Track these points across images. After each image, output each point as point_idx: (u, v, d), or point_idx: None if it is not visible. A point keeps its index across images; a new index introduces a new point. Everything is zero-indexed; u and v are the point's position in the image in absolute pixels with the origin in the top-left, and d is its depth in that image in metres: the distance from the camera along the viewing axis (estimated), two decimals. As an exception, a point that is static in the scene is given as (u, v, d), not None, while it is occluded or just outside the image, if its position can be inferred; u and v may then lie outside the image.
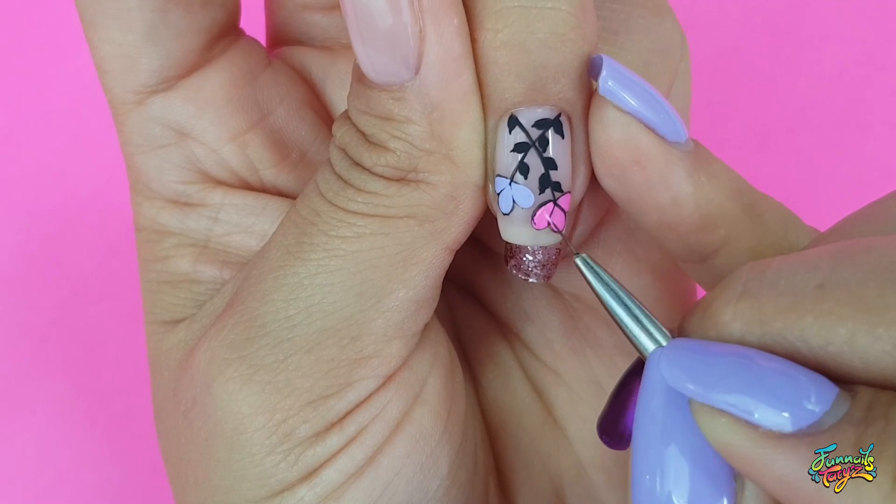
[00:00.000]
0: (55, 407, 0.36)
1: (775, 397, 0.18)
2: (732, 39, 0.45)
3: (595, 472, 0.28)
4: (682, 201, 0.22)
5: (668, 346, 0.20)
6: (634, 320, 0.21)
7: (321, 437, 0.22)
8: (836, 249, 0.19)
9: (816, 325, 0.18)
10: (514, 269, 0.25)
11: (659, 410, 0.19)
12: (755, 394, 0.18)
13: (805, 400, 0.18)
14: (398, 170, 0.22)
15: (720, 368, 0.18)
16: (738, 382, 0.18)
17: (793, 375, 0.18)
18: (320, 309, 0.22)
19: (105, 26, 0.24)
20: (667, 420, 0.19)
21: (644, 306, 0.21)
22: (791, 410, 0.18)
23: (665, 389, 0.19)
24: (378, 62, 0.21)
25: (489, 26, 0.21)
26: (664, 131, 0.21)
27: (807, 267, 0.19)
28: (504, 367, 0.29)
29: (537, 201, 0.22)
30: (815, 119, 0.43)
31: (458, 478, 0.25)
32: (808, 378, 0.18)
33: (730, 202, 0.22)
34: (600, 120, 0.21)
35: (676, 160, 0.21)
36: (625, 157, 0.21)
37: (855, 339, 0.17)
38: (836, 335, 0.18)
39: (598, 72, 0.21)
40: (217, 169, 0.26)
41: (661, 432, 0.19)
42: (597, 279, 0.21)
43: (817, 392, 0.18)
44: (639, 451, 0.20)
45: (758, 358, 0.18)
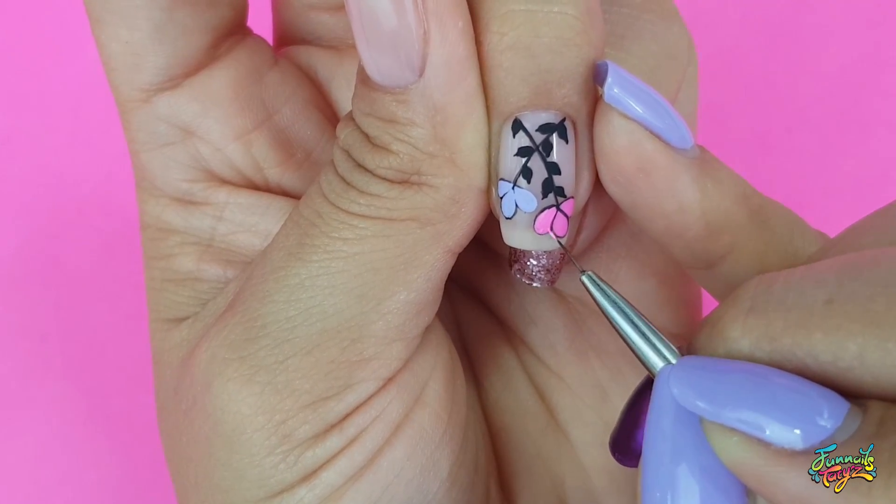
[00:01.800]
0: (55, 406, 0.36)
1: (787, 414, 0.18)
2: (732, 39, 0.45)
3: (597, 475, 0.28)
4: (687, 208, 0.21)
5: (677, 365, 0.19)
6: (642, 338, 0.21)
7: (321, 439, 0.22)
8: (843, 263, 0.19)
9: (826, 340, 0.18)
10: (517, 273, 0.25)
11: (669, 428, 0.19)
12: (766, 411, 0.18)
13: (817, 416, 0.17)
14: (401, 172, 0.22)
15: (731, 386, 0.18)
16: (749, 400, 0.18)
17: (804, 392, 0.18)
18: (321, 310, 0.22)
19: (112, 24, 0.24)
20: (677, 438, 0.19)
21: (651, 323, 0.21)
22: (803, 427, 0.17)
23: (675, 407, 0.19)
24: (382, 64, 0.21)
25: (494, 29, 0.21)
26: (670, 138, 0.21)
27: (814, 282, 0.19)
28: (507, 370, 0.29)
29: (540, 206, 0.22)
30: (815, 119, 0.43)
31: (459, 480, 0.25)
32: (820, 394, 0.18)
33: (736, 208, 0.22)
34: (605, 127, 0.21)
35: (682, 167, 0.21)
36: (630, 164, 0.21)
37: (865, 354, 0.17)
38: (845, 351, 0.18)
39: (604, 78, 0.21)
40: (222, 168, 0.26)
41: (671, 450, 0.19)
42: (604, 297, 0.21)
43: (829, 408, 0.18)
44: (649, 469, 0.19)
45: (769, 374, 0.18)
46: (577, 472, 0.28)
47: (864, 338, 0.17)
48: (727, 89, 0.38)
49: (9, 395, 0.38)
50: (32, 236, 0.40)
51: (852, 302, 0.18)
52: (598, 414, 0.28)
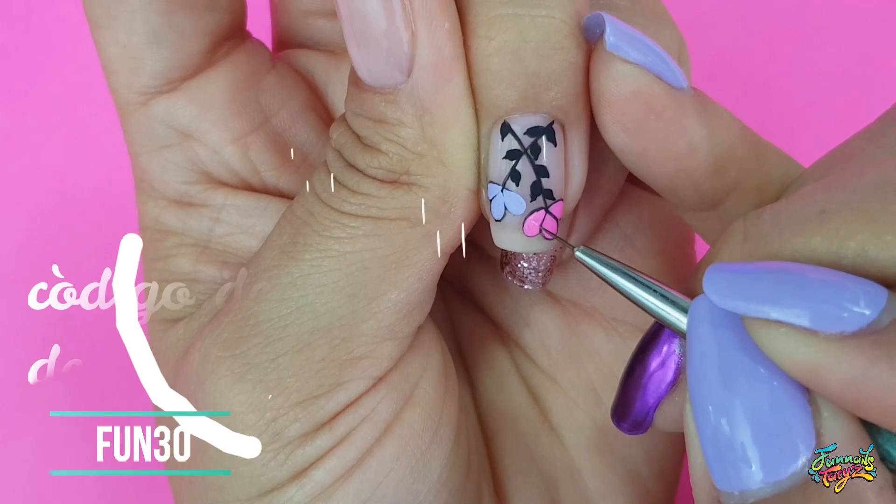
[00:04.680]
0: (55, 407, 0.36)
1: (830, 302, 0.17)
2: (732, 39, 0.44)
3: (590, 478, 0.28)
4: (697, 146, 0.21)
5: (709, 272, 0.19)
6: (651, 292, 0.20)
7: (311, 437, 0.22)
8: (827, 182, 0.19)
9: (826, 242, 0.18)
10: (509, 275, 0.25)
11: (711, 347, 0.19)
12: (809, 300, 0.17)
13: (861, 300, 0.17)
14: (391, 172, 0.22)
15: (766, 282, 0.18)
16: (789, 292, 0.18)
17: (838, 281, 0.18)
18: (312, 309, 0.22)
19: (110, 28, 0.25)
20: (721, 355, 0.19)
21: (654, 279, 0.21)
22: (849, 311, 0.17)
23: (713, 328, 0.19)
24: (372, 65, 0.21)
25: (482, 33, 0.21)
26: (669, 79, 0.21)
27: (803, 201, 0.19)
28: (501, 372, 0.29)
29: (529, 208, 0.22)
30: (815, 119, 0.43)
31: (450, 482, 0.25)
32: (854, 281, 0.17)
33: (738, 143, 0.22)
34: (610, 75, 0.21)
35: (688, 106, 0.21)
36: (639, 108, 0.21)
37: (867, 249, 0.17)
38: (847, 249, 0.18)
39: (598, 31, 0.21)
40: (219, 170, 0.26)
41: (717, 368, 0.19)
42: (602, 265, 0.21)
43: (868, 293, 0.17)
44: (698, 394, 0.19)
45: (801, 269, 0.18)
46: (570, 473, 0.28)
47: (864, 234, 0.18)
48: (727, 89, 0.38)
49: (9, 394, 0.38)
50: (32, 236, 0.40)
51: (846, 207, 0.18)
52: (591, 417, 0.28)
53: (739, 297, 0.18)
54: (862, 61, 0.44)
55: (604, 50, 0.21)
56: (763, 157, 0.22)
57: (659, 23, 0.24)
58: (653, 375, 0.21)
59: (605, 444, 0.28)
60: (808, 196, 0.19)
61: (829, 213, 0.18)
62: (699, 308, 0.19)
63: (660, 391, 0.21)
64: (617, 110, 0.21)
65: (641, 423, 0.22)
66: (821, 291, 0.17)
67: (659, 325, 0.21)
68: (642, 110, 0.21)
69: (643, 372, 0.22)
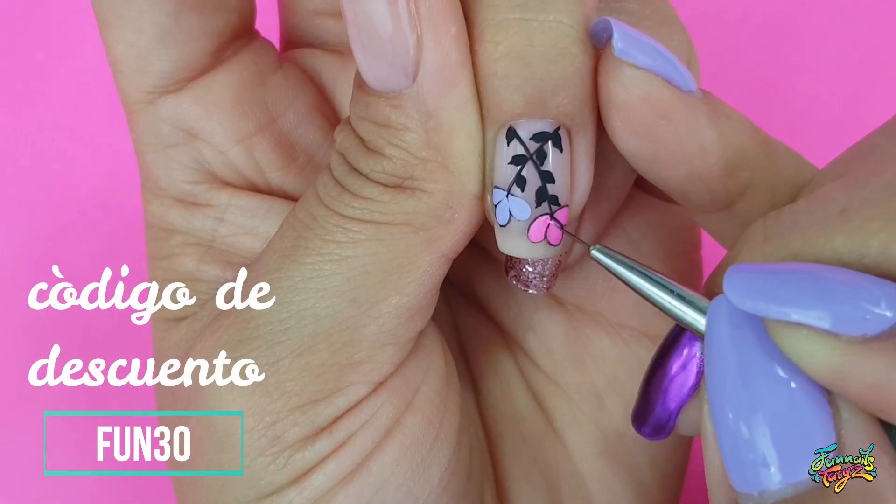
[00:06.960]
0: (55, 407, 0.36)
1: (852, 304, 0.17)
2: (732, 39, 0.44)
3: (593, 483, 0.28)
4: (709, 148, 0.21)
5: (729, 273, 0.19)
6: (667, 291, 0.20)
7: (310, 442, 0.22)
8: (847, 180, 0.19)
9: (848, 241, 0.18)
10: (513, 279, 0.25)
11: (730, 348, 0.19)
12: (830, 303, 0.17)
13: (882, 301, 0.17)
14: (394, 177, 0.22)
15: (787, 284, 0.18)
16: (810, 294, 0.17)
17: (859, 283, 0.17)
18: (313, 313, 0.22)
19: (119, 27, 0.25)
20: (741, 356, 0.18)
21: (671, 279, 0.20)
22: (871, 314, 0.17)
23: (732, 328, 0.19)
24: (377, 69, 0.21)
25: (489, 38, 0.21)
26: (679, 83, 0.21)
27: (824, 201, 0.19)
28: (505, 376, 0.29)
29: (534, 214, 0.22)
30: (815, 119, 0.43)
31: (451, 486, 0.25)
32: (875, 283, 0.17)
33: (749, 143, 0.22)
34: (619, 81, 0.20)
35: (698, 108, 0.21)
36: (650, 113, 0.21)
37: (889, 248, 0.17)
38: (869, 248, 0.18)
39: (606, 36, 0.21)
40: (224, 170, 0.26)
41: (737, 369, 0.18)
42: (619, 264, 0.21)
43: (889, 295, 0.17)
44: (716, 397, 0.19)
45: (820, 269, 0.18)
46: (574, 478, 0.28)
47: (886, 233, 0.17)
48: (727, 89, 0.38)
49: (9, 394, 0.38)
50: (32, 236, 0.40)
51: (867, 206, 0.18)
52: (594, 422, 0.28)
53: (759, 298, 0.18)
54: (862, 61, 0.44)
55: (612, 55, 0.20)
56: (774, 156, 0.22)
57: (668, 26, 0.24)
58: (674, 379, 0.21)
59: (608, 450, 0.28)
60: (829, 195, 0.19)
61: (851, 212, 0.18)
62: (718, 309, 0.19)
63: (681, 395, 0.21)
64: (627, 116, 0.21)
65: (663, 428, 0.22)
66: (842, 293, 0.17)
67: (680, 328, 0.21)
68: (652, 115, 0.21)
69: (664, 376, 0.21)
